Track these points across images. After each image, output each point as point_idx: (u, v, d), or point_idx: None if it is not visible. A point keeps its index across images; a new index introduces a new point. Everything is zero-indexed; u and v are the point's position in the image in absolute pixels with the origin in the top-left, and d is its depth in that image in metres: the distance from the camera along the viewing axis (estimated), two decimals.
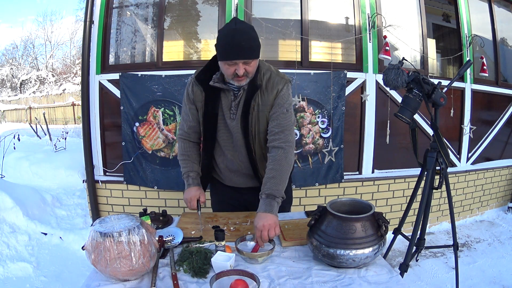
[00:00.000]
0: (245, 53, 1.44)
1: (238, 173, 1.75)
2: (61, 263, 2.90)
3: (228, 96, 1.61)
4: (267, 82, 1.58)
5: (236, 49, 1.42)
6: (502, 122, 4.19)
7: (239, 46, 1.42)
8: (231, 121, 1.62)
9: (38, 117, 11.08)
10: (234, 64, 1.45)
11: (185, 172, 1.76)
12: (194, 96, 1.66)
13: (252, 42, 1.45)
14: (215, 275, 1.14)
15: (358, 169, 3.47)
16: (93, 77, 3.22)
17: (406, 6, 3.56)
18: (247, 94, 1.57)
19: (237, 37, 1.42)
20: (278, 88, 1.58)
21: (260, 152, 1.66)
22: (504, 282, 2.66)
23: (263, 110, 1.58)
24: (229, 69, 1.48)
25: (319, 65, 3.23)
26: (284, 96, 1.59)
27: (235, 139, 1.65)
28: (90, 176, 3.26)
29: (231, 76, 1.50)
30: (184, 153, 1.78)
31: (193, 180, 1.74)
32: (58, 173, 4.87)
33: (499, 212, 4.18)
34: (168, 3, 3.27)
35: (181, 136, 1.79)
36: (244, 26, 1.47)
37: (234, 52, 1.43)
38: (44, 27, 23.47)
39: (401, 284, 1.16)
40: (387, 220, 1.28)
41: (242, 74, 1.47)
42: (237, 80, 1.51)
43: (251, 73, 1.51)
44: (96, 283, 1.16)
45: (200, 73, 1.65)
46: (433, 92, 1.99)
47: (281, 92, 1.58)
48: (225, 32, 1.46)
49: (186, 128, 1.76)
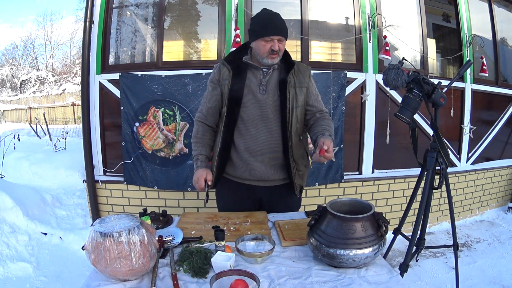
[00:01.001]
0: (282, 31, 1.68)
1: (261, 154, 1.77)
2: (61, 263, 2.90)
3: (256, 74, 1.75)
4: (298, 65, 1.79)
5: (274, 26, 1.66)
6: (502, 122, 4.19)
7: (276, 24, 1.67)
8: (262, 95, 1.74)
9: (38, 117, 11.08)
10: (271, 40, 1.65)
11: (195, 155, 1.83)
12: (221, 76, 1.77)
13: (284, 24, 1.70)
14: (215, 275, 1.14)
15: (358, 169, 3.47)
16: (93, 77, 3.22)
17: (406, 6, 3.56)
18: (280, 71, 1.75)
19: (274, 18, 1.69)
20: (308, 72, 1.81)
21: (296, 127, 1.76)
22: (504, 282, 2.66)
23: (300, 86, 1.76)
24: (265, 46, 1.66)
25: (319, 65, 3.23)
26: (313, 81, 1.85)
27: (266, 114, 1.74)
28: (90, 176, 3.26)
29: (266, 53, 1.67)
30: (198, 136, 1.85)
31: (202, 162, 1.80)
32: (58, 173, 4.87)
33: (499, 212, 4.18)
34: (168, 3, 3.27)
35: (198, 119, 1.86)
36: (275, 12, 1.73)
37: (273, 29, 1.66)
38: (44, 27, 23.50)
39: (401, 284, 1.16)
40: (387, 220, 1.28)
41: (277, 49, 1.66)
42: (271, 58, 1.68)
43: (281, 52, 1.70)
44: (96, 283, 1.16)
45: (228, 56, 1.83)
46: (433, 92, 1.99)
47: (311, 76, 1.83)
48: (262, 15, 1.71)
49: (205, 110, 1.83)
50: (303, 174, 1.88)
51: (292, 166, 1.78)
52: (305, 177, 1.92)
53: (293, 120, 1.74)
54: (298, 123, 1.77)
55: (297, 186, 1.85)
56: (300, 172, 1.84)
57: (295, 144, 1.77)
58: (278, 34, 1.66)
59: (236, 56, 1.78)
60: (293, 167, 1.78)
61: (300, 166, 1.82)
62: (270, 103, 1.74)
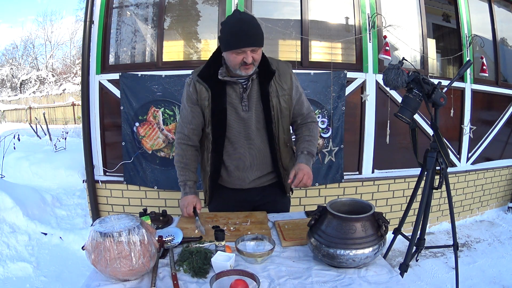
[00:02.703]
0: (253, 41, 1.47)
1: (251, 169, 1.71)
2: (61, 263, 2.90)
3: (236, 89, 1.61)
4: (278, 68, 1.64)
5: (244, 37, 1.45)
6: (502, 122, 4.19)
7: (247, 34, 1.46)
8: (245, 113, 1.62)
9: (38, 117, 11.08)
10: (242, 52, 1.47)
11: (182, 180, 1.76)
12: (198, 95, 1.63)
13: (258, 30, 1.49)
14: (215, 275, 1.14)
15: (358, 169, 3.47)
16: (93, 77, 3.22)
17: (406, 6, 3.56)
18: (260, 82, 1.60)
19: (244, 26, 1.46)
20: (289, 72, 1.66)
21: (282, 137, 1.69)
22: (504, 282, 2.66)
23: (283, 94, 1.64)
24: (236, 58, 1.49)
25: (319, 65, 3.23)
26: (295, 80, 1.69)
27: (251, 131, 1.64)
28: (90, 176, 3.26)
29: (238, 65, 1.51)
30: (182, 161, 1.76)
31: (190, 189, 1.74)
32: (58, 173, 4.87)
33: (499, 212, 4.18)
34: (168, 3, 3.27)
35: (180, 141, 1.76)
36: (248, 16, 1.52)
37: (242, 40, 1.46)
38: (44, 27, 23.51)
39: (401, 284, 1.16)
40: (387, 220, 1.28)
41: (250, 62, 1.49)
42: (244, 69, 1.52)
43: (257, 61, 1.54)
44: (96, 283, 1.16)
45: (202, 71, 1.63)
46: (433, 92, 1.99)
47: (292, 74, 1.68)
48: (231, 22, 1.49)
49: (186, 131, 1.73)
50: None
51: (282, 172, 1.74)
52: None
53: (279, 132, 1.66)
54: (285, 134, 1.70)
55: (288, 188, 1.82)
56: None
57: (283, 153, 1.72)
58: (250, 45, 1.47)
59: (210, 69, 1.60)
60: (283, 173, 1.75)
61: (289, 169, 1.73)
62: (254, 119, 1.62)
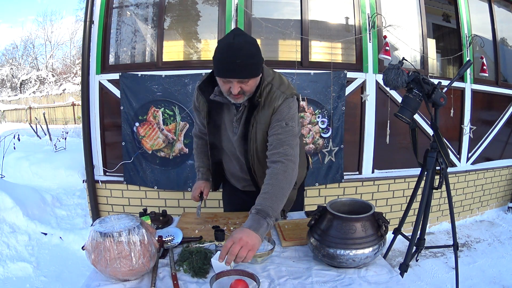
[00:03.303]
0: (240, 72, 1.31)
1: (239, 180, 1.76)
2: (61, 263, 2.90)
3: (231, 109, 1.54)
4: (266, 98, 1.46)
5: (230, 67, 1.30)
6: (502, 122, 4.18)
7: (234, 64, 1.29)
8: (233, 136, 1.57)
9: (38, 117, 11.08)
10: (228, 81, 1.35)
11: (196, 166, 1.84)
12: (199, 105, 1.62)
13: (249, 60, 1.31)
14: (215, 275, 1.14)
15: (358, 169, 3.47)
16: (93, 77, 3.22)
17: (406, 6, 3.56)
18: (248, 111, 1.48)
19: (233, 54, 1.29)
20: (275, 105, 1.45)
21: (260, 171, 1.58)
22: (504, 282, 2.66)
23: (260, 128, 1.48)
24: (223, 86, 1.39)
25: (319, 65, 3.23)
26: (282, 111, 1.45)
27: (238, 153, 1.62)
28: (90, 176, 3.26)
29: (226, 92, 1.40)
30: (197, 148, 1.85)
31: (202, 174, 1.81)
32: (58, 173, 4.87)
33: (499, 212, 4.18)
34: (168, 3, 3.27)
35: (195, 132, 1.85)
36: (243, 41, 1.31)
37: (227, 70, 1.32)
38: (44, 27, 23.50)
39: (401, 284, 1.16)
40: (387, 220, 1.28)
41: (236, 93, 1.36)
42: (233, 98, 1.40)
43: (248, 92, 1.40)
44: (96, 283, 1.16)
45: (202, 83, 1.55)
46: (433, 92, 1.99)
47: (279, 108, 1.45)
48: (221, 46, 1.33)
49: (198, 129, 1.81)
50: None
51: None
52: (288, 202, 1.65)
53: (255, 166, 1.59)
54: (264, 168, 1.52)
55: None
56: None
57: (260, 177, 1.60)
58: (236, 77, 1.32)
59: (210, 83, 1.51)
60: None
61: None
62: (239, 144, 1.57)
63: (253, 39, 1.37)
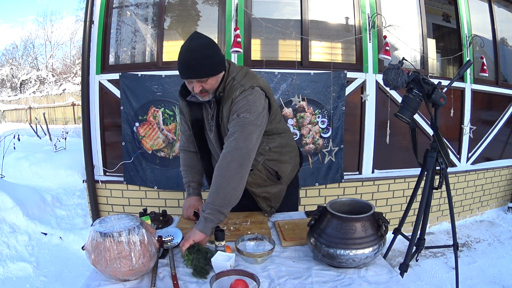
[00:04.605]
0: (196, 73, 1.41)
1: None
2: (61, 263, 2.90)
3: (207, 108, 1.62)
4: (228, 92, 1.51)
5: (186, 68, 1.42)
6: (502, 122, 4.18)
7: (188, 65, 1.41)
8: (210, 133, 1.64)
9: (38, 117, 11.08)
10: (190, 82, 1.46)
11: (186, 182, 1.80)
12: (182, 109, 1.71)
13: (204, 60, 1.40)
14: (215, 275, 1.14)
15: (358, 169, 3.47)
16: (93, 77, 3.22)
17: (406, 6, 3.56)
18: (216, 107, 1.56)
19: (187, 57, 1.41)
20: (233, 97, 1.49)
21: None
22: (504, 282, 2.66)
23: (227, 121, 1.52)
24: (189, 86, 1.50)
25: (319, 65, 3.23)
26: (238, 103, 1.47)
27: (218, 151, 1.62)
28: (90, 176, 3.26)
29: (193, 92, 1.51)
30: (185, 164, 1.82)
31: (194, 190, 1.78)
32: (58, 173, 4.87)
33: (499, 212, 4.18)
34: (168, 3, 3.27)
35: (181, 147, 1.84)
36: (199, 44, 1.41)
37: (185, 71, 1.43)
38: (44, 27, 23.48)
39: (401, 284, 1.16)
40: (387, 220, 1.28)
41: (198, 91, 1.46)
42: (200, 96, 1.51)
43: (210, 89, 1.48)
44: (96, 283, 1.16)
45: (181, 88, 1.65)
46: (433, 92, 1.99)
47: (236, 100, 1.47)
48: (181, 50, 1.44)
49: (185, 139, 1.80)
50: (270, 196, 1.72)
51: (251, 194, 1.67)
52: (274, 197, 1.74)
53: None
54: None
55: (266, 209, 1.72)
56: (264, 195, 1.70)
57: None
58: (193, 77, 1.43)
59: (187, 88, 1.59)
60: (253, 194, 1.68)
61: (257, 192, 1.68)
62: (215, 140, 1.62)
63: (209, 41, 1.46)
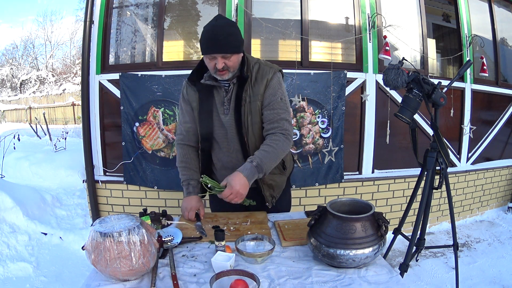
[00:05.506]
0: (222, 47, 1.49)
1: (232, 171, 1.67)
2: (61, 263, 2.90)
3: (220, 92, 1.66)
4: (257, 73, 1.61)
5: (214, 43, 1.49)
6: (502, 122, 4.19)
7: (217, 40, 1.48)
8: (225, 116, 1.66)
9: (38, 117, 11.08)
10: (214, 58, 1.51)
11: (185, 179, 1.76)
12: (189, 96, 1.71)
13: (230, 37, 1.50)
14: (215, 275, 1.14)
15: (358, 169, 3.47)
16: (93, 77, 3.22)
17: (406, 6, 3.56)
18: (237, 87, 1.61)
19: (215, 32, 1.49)
20: (268, 77, 1.61)
21: (253, 144, 1.66)
22: (504, 282, 2.66)
23: (254, 100, 1.61)
24: (210, 63, 1.54)
25: (319, 65, 3.23)
26: (275, 85, 1.62)
27: (230, 134, 1.67)
28: (90, 176, 3.26)
29: (213, 70, 1.55)
30: (183, 160, 1.78)
31: (194, 188, 1.73)
32: (58, 173, 4.87)
33: (499, 212, 4.18)
34: (168, 3, 3.27)
35: (179, 142, 1.80)
36: (224, 22, 1.52)
37: (211, 46, 1.50)
38: (44, 27, 23.50)
39: (401, 284, 1.16)
40: (387, 220, 1.28)
41: (222, 68, 1.51)
42: (219, 74, 1.55)
43: (232, 67, 1.55)
44: (96, 283, 1.16)
45: (192, 74, 1.69)
46: (433, 92, 1.99)
47: (271, 81, 1.61)
48: (206, 28, 1.52)
49: (184, 131, 1.77)
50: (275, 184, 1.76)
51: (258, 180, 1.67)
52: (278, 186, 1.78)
53: (249, 138, 1.65)
54: (257, 141, 1.66)
55: (268, 198, 1.74)
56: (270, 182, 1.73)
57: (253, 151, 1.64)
58: (219, 52, 1.49)
59: (198, 73, 1.66)
60: (259, 181, 1.68)
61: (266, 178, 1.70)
62: (233, 122, 1.64)
63: (233, 22, 1.60)
